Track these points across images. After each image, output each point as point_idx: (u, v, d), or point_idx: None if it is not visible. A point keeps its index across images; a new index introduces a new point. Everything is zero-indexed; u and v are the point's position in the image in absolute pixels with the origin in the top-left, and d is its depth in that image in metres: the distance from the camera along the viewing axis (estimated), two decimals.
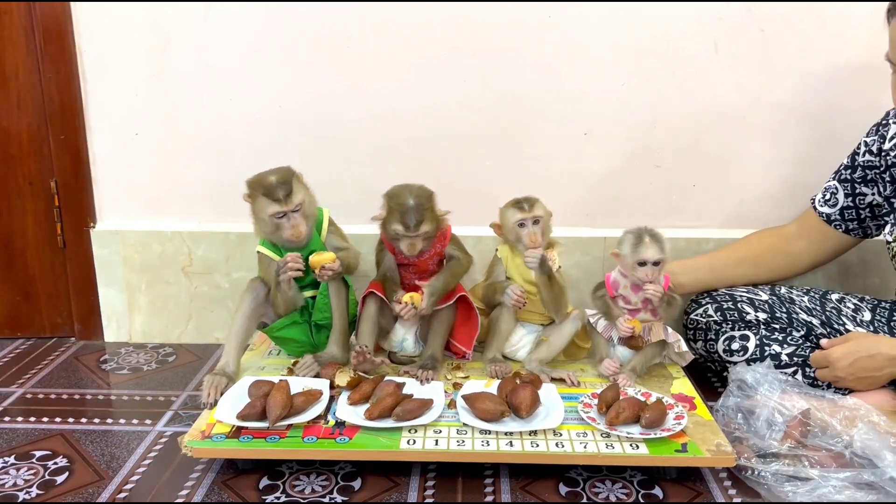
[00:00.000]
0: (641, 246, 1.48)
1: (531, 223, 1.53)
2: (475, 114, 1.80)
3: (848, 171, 1.61)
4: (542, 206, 1.56)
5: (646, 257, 1.48)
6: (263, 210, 1.47)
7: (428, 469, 1.33)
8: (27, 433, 1.48)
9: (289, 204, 1.47)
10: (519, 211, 1.53)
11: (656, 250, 1.48)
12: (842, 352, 1.42)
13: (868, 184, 1.58)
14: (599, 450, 1.28)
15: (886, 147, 1.53)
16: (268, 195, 1.46)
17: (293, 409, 1.34)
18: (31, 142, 1.83)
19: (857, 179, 1.59)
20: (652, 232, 1.50)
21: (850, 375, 1.41)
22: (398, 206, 1.49)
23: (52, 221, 1.88)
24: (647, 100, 1.78)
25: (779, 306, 1.62)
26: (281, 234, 1.49)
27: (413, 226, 1.48)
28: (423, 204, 1.50)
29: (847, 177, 1.60)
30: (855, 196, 1.60)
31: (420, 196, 1.50)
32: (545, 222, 1.55)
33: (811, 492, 1.22)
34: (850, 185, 1.60)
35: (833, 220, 1.63)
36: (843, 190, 1.61)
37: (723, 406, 1.44)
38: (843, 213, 1.62)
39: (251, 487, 1.28)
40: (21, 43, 1.77)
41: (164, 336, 1.94)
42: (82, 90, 1.80)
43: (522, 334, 1.61)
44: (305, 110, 1.80)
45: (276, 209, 1.47)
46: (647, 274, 1.49)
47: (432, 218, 1.51)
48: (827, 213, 1.63)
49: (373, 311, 1.56)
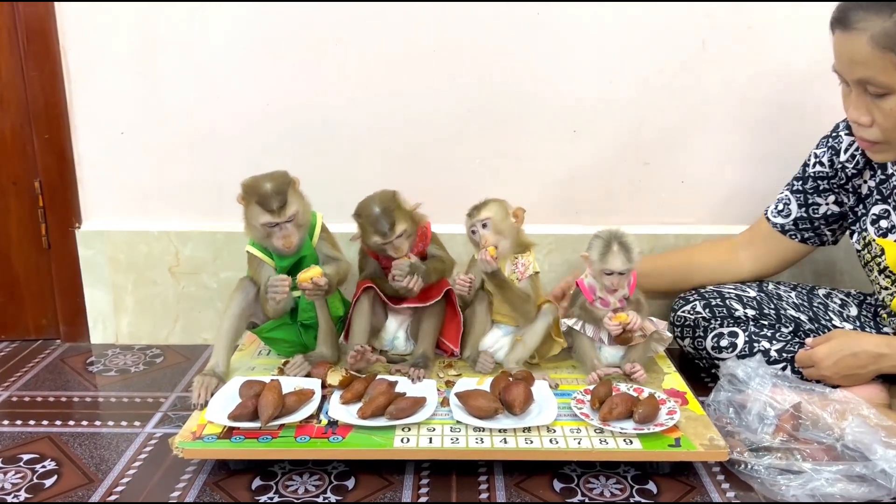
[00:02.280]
0: (609, 255, 1.47)
1: (480, 226, 1.52)
2: (464, 112, 1.79)
3: (799, 183, 1.62)
4: (495, 207, 1.53)
5: (612, 268, 1.47)
6: (256, 218, 1.46)
7: (422, 467, 1.33)
8: (13, 436, 1.46)
9: (282, 215, 1.45)
10: (468, 217, 1.54)
11: (623, 261, 1.47)
12: (826, 351, 1.43)
13: (821, 194, 1.59)
14: (593, 445, 1.28)
15: (842, 159, 1.54)
16: (261, 204, 1.44)
17: (285, 408, 1.33)
18: (14, 141, 1.81)
19: (808, 190, 1.60)
20: (621, 240, 1.48)
21: (835, 374, 1.42)
22: (367, 219, 1.49)
23: (37, 222, 1.85)
24: (635, 97, 1.79)
25: (767, 303, 1.63)
26: (272, 243, 1.48)
27: (388, 230, 1.48)
28: (390, 206, 1.49)
29: (799, 188, 1.61)
30: (808, 206, 1.61)
31: (384, 200, 1.50)
32: (496, 222, 1.52)
33: (804, 485, 1.23)
34: (802, 195, 1.61)
35: (787, 229, 1.64)
36: (796, 200, 1.62)
37: (714, 401, 1.45)
38: (796, 223, 1.63)
39: (243, 488, 1.27)
40: (4, 41, 1.75)
41: (151, 337, 1.92)
42: (67, 89, 1.78)
43: (498, 336, 1.60)
44: (293, 109, 1.79)
45: (268, 220, 1.45)
46: (613, 283, 1.49)
47: (403, 216, 1.50)
48: (781, 224, 1.64)
49: (366, 308, 1.56)
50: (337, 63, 1.77)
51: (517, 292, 1.54)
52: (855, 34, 1.28)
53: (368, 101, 1.78)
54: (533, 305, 1.56)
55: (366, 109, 1.79)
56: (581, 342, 1.57)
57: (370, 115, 1.79)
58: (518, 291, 1.54)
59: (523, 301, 1.54)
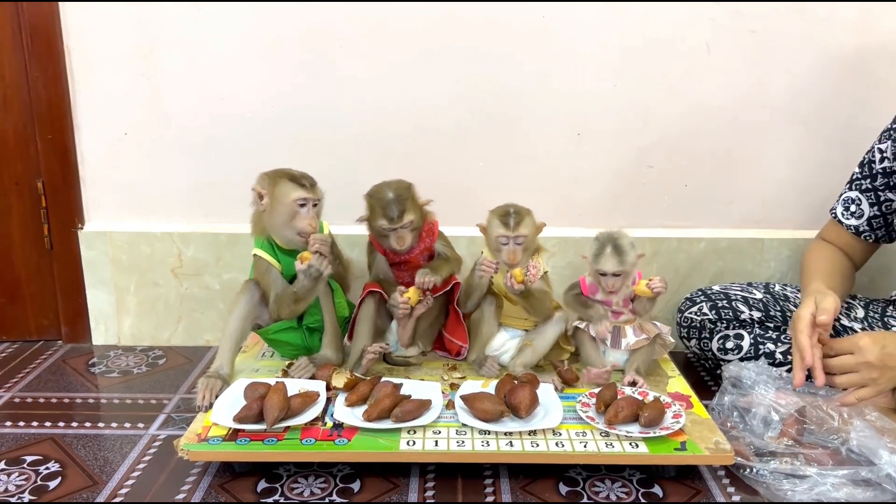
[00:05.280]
0: (601, 257, 1.49)
1: (513, 242, 1.52)
2: (468, 114, 1.79)
3: (867, 181, 1.57)
4: (530, 222, 1.53)
5: (605, 269, 1.49)
6: (287, 195, 1.47)
7: (427, 470, 1.33)
8: (16, 438, 1.46)
9: (315, 192, 1.49)
10: (503, 227, 1.52)
11: (614, 263, 1.48)
12: (871, 338, 1.33)
13: (892, 189, 1.55)
14: (599, 449, 1.28)
15: None
16: (294, 181, 1.48)
17: (290, 410, 1.33)
18: (17, 142, 1.80)
19: (879, 187, 1.56)
20: (616, 242, 1.49)
21: (879, 361, 1.30)
22: (379, 202, 1.51)
23: (39, 222, 1.85)
24: (640, 100, 1.79)
25: (773, 304, 1.63)
26: (295, 224, 1.48)
27: (397, 216, 1.49)
28: (403, 195, 1.51)
29: (868, 186, 1.57)
30: (881, 204, 1.57)
31: (399, 188, 1.52)
32: (529, 240, 1.53)
33: (809, 489, 1.23)
34: (872, 193, 1.57)
35: (862, 231, 1.59)
36: (867, 199, 1.57)
37: (718, 404, 1.45)
38: (871, 223, 1.58)
39: (249, 490, 1.27)
40: (8, 42, 1.74)
41: (153, 338, 1.91)
42: (70, 89, 1.77)
43: (505, 339, 1.60)
44: (296, 111, 1.79)
45: (300, 195, 1.47)
46: (608, 284, 1.50)
47: (414, 207, 1.52)
48: (855, 225, 1.59)
49: (371, 311, 1.56)
50: (340, 65, 1.76)
51: (538, 295, 1.54)
52: None
53: (371, 103, 1.78)
54: (550, 301, 1.58)
55: (369, 111, 1.79)
56: (585, 344, 1.57)
57: (373, 117, 1.79)
58: (539, 294, 1.54)
59: (543, 301, 1.55)
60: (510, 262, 1.52)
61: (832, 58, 1.75)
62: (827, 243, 1.64)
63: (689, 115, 1.80)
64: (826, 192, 1.74)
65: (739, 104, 1.79)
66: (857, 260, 1.63)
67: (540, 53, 1.76)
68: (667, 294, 1.81)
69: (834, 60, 1.75)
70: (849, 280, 1.61)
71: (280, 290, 1.52)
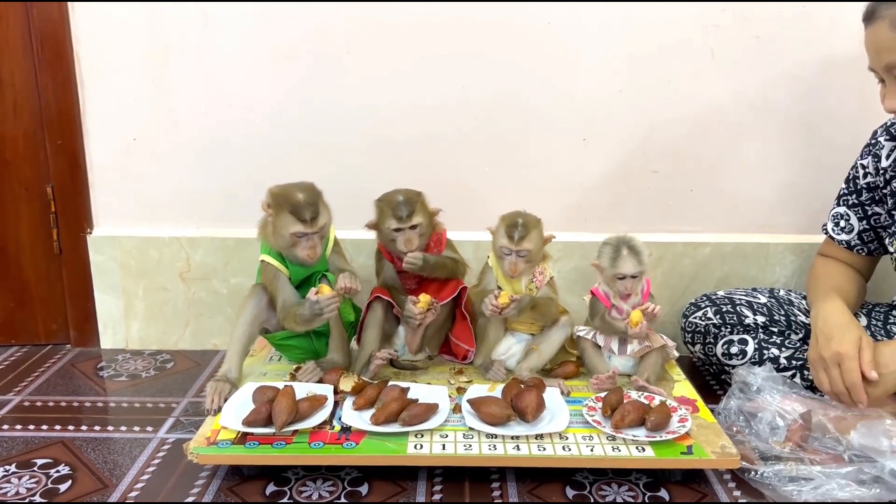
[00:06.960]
0: (619, 259, 1.49)
1: (515, 255, 1.53)
2: (474, 119, 1.81)
3: (853, 196, 1.59)
4: (536, 236, 1.53)
5: (624, 271, 1.49)
6: (285, 227, 1.45)
7: (435, 474, 1.34)
8: (26, 441, 1.47)
9: (313, 226, 1.45)
10: (507, 239, 1.52)
11: (634, 264, 1.49)
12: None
13: (878, 203, 1.57)
14: (606, 453, 1.29)
15: (885, 165, 1.53)
16: (294, 213, 1.43)
17: (299, 414, 1.34)
18: (27, 147, 1.82)
19: (865, 202, 1.58)
20: (630, 244, 1.50)
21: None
22: (389, 203, 1.53)
23: (48, 227, 1.86)
24: (645, 106, 1.80)
25: (777, 309, 1.64)
26: (295, 252, 1.48)
27: (405, 216, 1.51)
28: (413, 198, 1.54)
29: (854, 201, 1.59)
30: (869, 218, 1.58)
31: (409, 193, 1.56)
32: (533, 254, 1.53)
33: (814, 490, 1.23)
34: (860, 208, 1.59)
35: (854, 245, 1.61)
36: (856, 214, 1.59)
37: (724, 408, 1.46)
38: (861, 237, 1.60)
39: (258, 493, 1.28)
40: (18, 48, 1.76)
41: (161, 342, 1.92)
42: (80, 95, 1.79)
43: (512, 343, 1.61)
44: (304, 117, 1.80)
45: (299, 229, 1.44)
46: (626, 287, 1.51)
47: (423, 211, 1.55)
48: (846, 240, 1.61)
49: (378, 316, 1.57)
50: (348, 71, 1.78)
51: (543, 301, 1.55)
52: (878, 23, 1.32)
53: (379, 109, 1.80)
54: (556, 306, 1.59)
55: (376, 116, 1.80)
56: (589, 351, 1.58)
57: (380, 122, 1.80)
58: (544, 300, 1.55)
59: (548, 306, 1.57)
60: (510, 274, 1.53)
61: (837, 63, 1.76)
62: (829, 258, 1.66)
63: (694, 121, 1.81)
64: (831, 197, 1.74)
65: (744, 109, 1.80)
66: (861, 270, 1.64)
67: (546, 59, 1.77)
68: (672, 299, 1.84)
69: (838, 66, 1.76)
70: (858, 288, 1.61)
71: (287, 297, 1.52)
